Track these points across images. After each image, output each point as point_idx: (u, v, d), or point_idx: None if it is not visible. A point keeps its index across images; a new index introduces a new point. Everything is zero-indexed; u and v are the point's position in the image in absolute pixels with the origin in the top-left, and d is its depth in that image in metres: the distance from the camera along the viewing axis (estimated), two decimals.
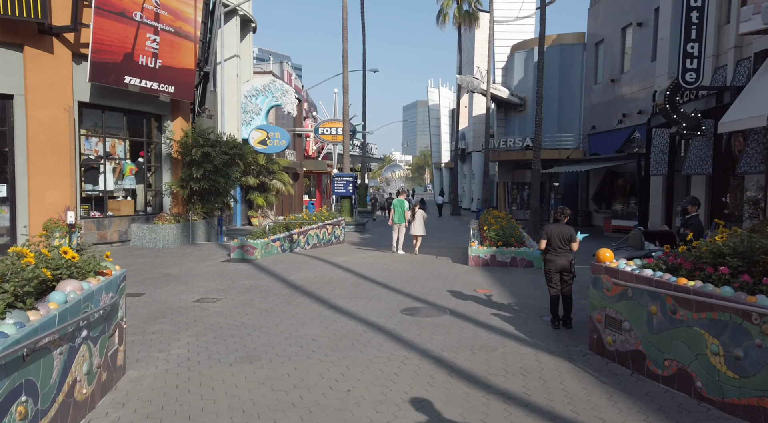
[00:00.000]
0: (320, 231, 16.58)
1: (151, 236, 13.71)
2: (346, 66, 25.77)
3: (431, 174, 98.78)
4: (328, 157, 39.95)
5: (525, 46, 31.19)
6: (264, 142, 22.99)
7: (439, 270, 11.23)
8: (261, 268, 11.10)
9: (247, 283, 9.59)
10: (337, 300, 8.29)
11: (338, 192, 26.07)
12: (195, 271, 10.60)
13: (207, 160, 14.67)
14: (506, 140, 30.70)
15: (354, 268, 11.30)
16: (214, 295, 8.52)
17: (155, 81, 13.53)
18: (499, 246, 11.71)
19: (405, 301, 8.25)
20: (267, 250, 12.76)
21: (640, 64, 22.38)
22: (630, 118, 23.21)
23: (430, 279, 10.16)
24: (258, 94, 23.32)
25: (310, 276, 10.34)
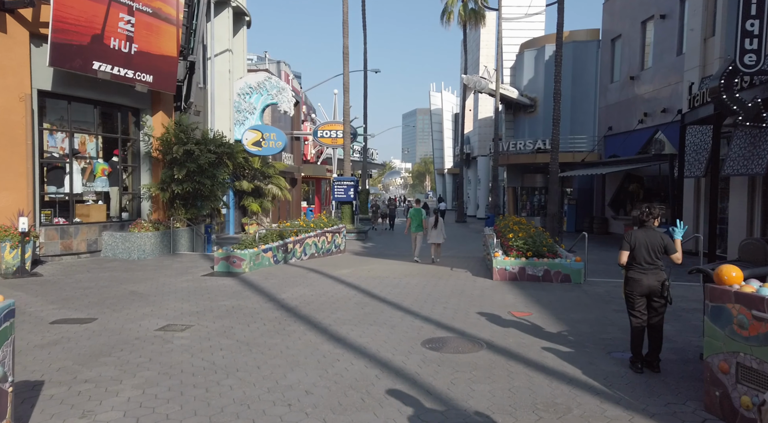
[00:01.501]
0: (319, 239, 14.83)
1: (125, 246, 11.95)
2: (347, 63, 24.15)
3: (432, 181, 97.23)
4: (328, 162, 38.27)
5: (535, 44, 29.64)
6: (258, 143, 21.30)
7: (459, 285, 9.47)
8: (248, 284, 9.33)
9: (228, 303, 7.82)
10: (339, 327, 6.53)
11: (338, 197, 24.34)
12: (168, 288, 8.84)
13: (190, 160, 12.95)
14: (516, 143, 29.05)
15: (358, 283, 9.54)
16: (185, 321, 6.76)
17: (130, 68, 11.84)
18: (529, 257, 9.96)
19: (425, 329, 6.48)
20: (257, 262, 11.00)
21: (664, 58, 20.77)
22: (652, 117, 21.57)
23: (450, 297, 8.40)
24: (252, 92, 21.67)
25: (306, 294, 8.57)
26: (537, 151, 28.25)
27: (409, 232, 13.97)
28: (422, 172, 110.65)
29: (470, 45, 38.99)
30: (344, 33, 23.97)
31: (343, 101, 24.80)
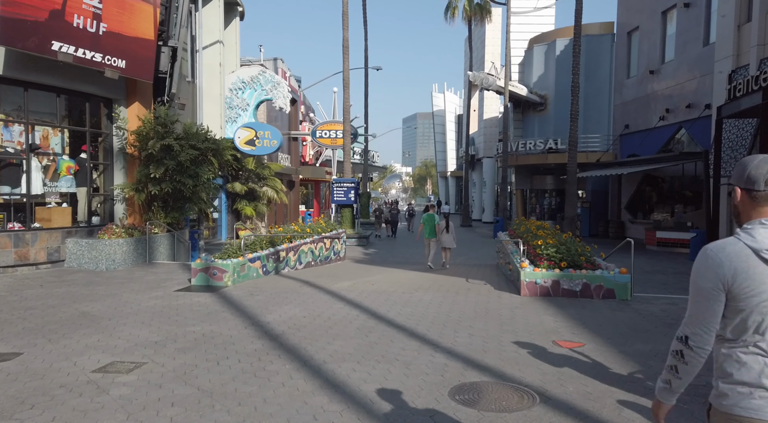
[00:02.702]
0: (316, 246, 13.27)
1: (91, 255, 10.38)
2: (347, 57, 22.68)
3: (434, 185, 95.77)
4: (327, 164, 36.74)
5: (545, 39, 28.16)
6: (252, 142, 19.75)
7: (482, 302, 7.88)
8: (228, 302, 7.76)
9: (198, 329, 6.25)
10: (337, 365, 4.96)
11: (338, 200, 22.79)
12: (129, 308, 7.26)
13: (169, 156, 11.41)
14: (525, 143, 27.52)
15: (361, 300, 7.96)
16: (136, 356, 5.19)
17: (98, 51, 10.32)
18: (563, 268, 8.38)
19: (451, 367, 4.91)
20: (242, 274, 9.43)
21: (688, 50, 19.27)
22: (674, 113, 20.05)
23: (475, 319, 6.82)
24: (245, 87, 20.15)
25: (298, 315, 7.00)
26: (548, 151, 26.73)
27: (422, 238, 13.45)
28: (423, 176, 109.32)
29: (475, 42, 37.56)
30: (344, 25, 22.51)
31: (342, 98, 23.33)
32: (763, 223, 1.70)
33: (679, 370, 1.77)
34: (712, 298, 1.70)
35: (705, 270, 1.72)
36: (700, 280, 1.73)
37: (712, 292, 1.70)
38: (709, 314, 1.72)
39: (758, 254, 1.65)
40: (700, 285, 1.73)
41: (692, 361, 1.74)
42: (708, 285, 1.70)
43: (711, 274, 1.70)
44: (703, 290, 1.72)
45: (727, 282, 1.68)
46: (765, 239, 1.66)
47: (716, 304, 1.70)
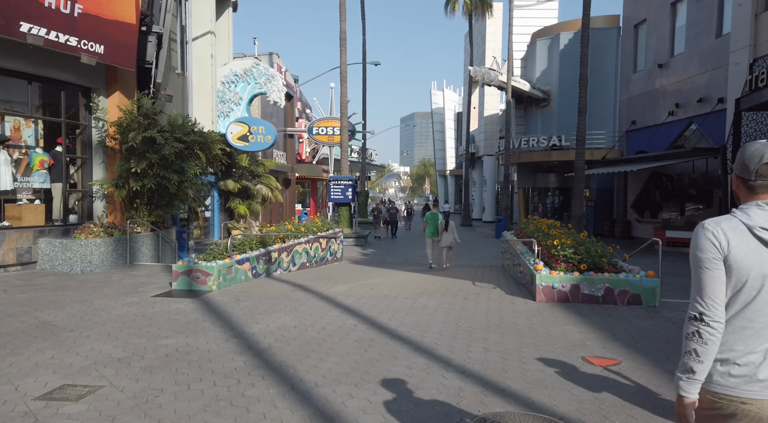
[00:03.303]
0: (311, 246, 12.46)
1: (65, 256, 9.54)
2: (344, 50, 21.86)
3: (432, 184, 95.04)
4: (324, 162, 35.91)
5: (548, 33, 27.39)
6: (245, 138, 18.91)
7: (494, 310, 7.07)
8: (211, 309, 6.94)
9: (172, 342, 5.42)
10: (332, 389, 4.15)
11: (335, 198, 21.97)
12: (98, 317, 6.43)
13: (152, 150, 10.57)
14: (528, 140, 26.73)
15: (359, 307, 7.15)
16: (93, 377, 4.37)
17: (73, 34, 9.48)
18: (583, 270, 7.58)
19: (467, 392, 4.10)
20: (228, 277, 8.60)
21: (700, 42, 18.51)
22: (684, 108, 19.30)
23: (489, 330, 6.01)
24: (238, 80, 19.30)
25: (288, 325, 6.18)
26: (552, 148, 25.96)
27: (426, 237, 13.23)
28: (421, 175, 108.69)
29: (475, 38, 36.79)
30: (341, 16, 21.70)
31: (340, 93, 22.49)
32: (759, 204, 1.75)
33: (700, 354, 1.70)
34: (714, 267, 1.72)
35: (702, 241, 1.75)
36: (699, 251, 1.75)
37: (712, 261, 1.72)
38: (715, 285, 1.72)
39: (751, 230, 1.71)
40: (699, 257, 1.75)
41: (711, 339, 1.70)
42: (707, 255, 1.73)
43: (708, 245, 1.73)
44: (704, 261, 1.74)
45: (723, 250, 1.71)
46: (759, 218, 1.72)
47: (719, 273, 1.72)
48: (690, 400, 1.72)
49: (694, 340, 1.71)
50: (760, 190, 1.77)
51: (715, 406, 1.71)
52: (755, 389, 1.66)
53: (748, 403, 1.66)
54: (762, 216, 1.72)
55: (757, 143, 1.79)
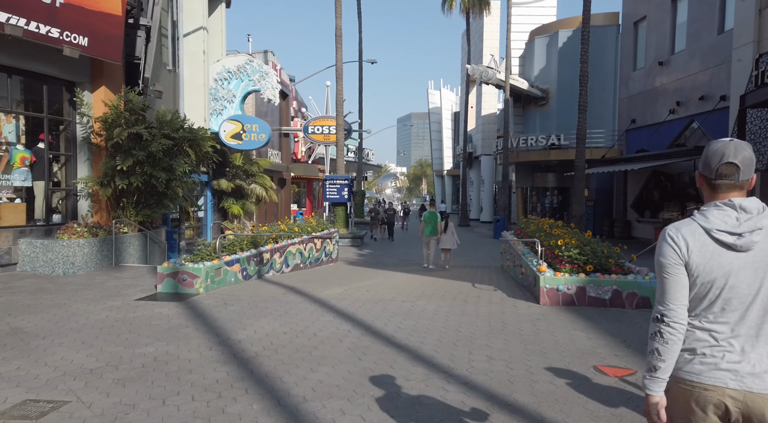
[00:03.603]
0: (305, 246, 12.07)
1: (47, 257, 9.12)
2: (340, 47, 21.48)
3: (429, 184, 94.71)
4: (320, 161, 35.50)
5: (547, 31, 27.07)
6: (238, 136, 18.51)
7: (496, 313, 6.70)
8: (196, 313, 6.54)
9: (151, 350, 5.03)
10: (322, 404, 3.76)
11: (331, 198, 21.59)
12: (74, 322, 6.03)
13: (139, 146, 10.16)
14: (526, 139, 26.39)
15: (354, 311, 6.76)
16: (60, 391, 3.97)
17: (54, 25, 9.06)
18: (589, 272, 7.22)
19: (472, 407, 3.72)
20: (217, 279, 8.19)
21: (701, 39, 18.21)
22: (685, 106, 19.00)
23: (491, 336, 5.63)
24: (231, 77, 18.88)
25: (277, 330, 5.79)
26: (550, 147, 25.64)
27: (422, 235, 12.94)
28: (418, 176, 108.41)
29: (473, 36, 36.44)
30: (337, 12, 21.31)
31: (336, 90, 22.11)
32: (717, 205, 1.79)
33: (661, 353, 1.77)
34: (675, 272, 1.79)
35: (665, 249, 1.81)
36: (662, 257, 1.82)
37: (673, 266, 1.79)
38: (679, 287, 1.79)
39: (709, 234, 1.76)
40: (662, 262, 1.81)
41: (672, 339, 1.77)
42: (669, 261, 1.80)
43: (669, 251, 1.80)
44: (666, 266, 1.81)
45: (684, 256, 1.78)
46: (717, 220, 1.76)
47: (680, 277, 1.79)
48: (654, 399, 1.78)
49: (657, 340, 1.78)
50: (721, 189, 1.80)
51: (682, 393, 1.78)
52: (718, 376, 1.73)
53: (710, 390, 1.72)
54: (720, 217, 1.76)
55: (720, 142, 1.80)
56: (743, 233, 1.72)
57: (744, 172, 1.77)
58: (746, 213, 1.75)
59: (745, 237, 1.72)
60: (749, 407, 1.70)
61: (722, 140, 1.82)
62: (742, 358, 1.72)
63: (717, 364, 1.74)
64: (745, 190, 1.82)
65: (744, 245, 1.72)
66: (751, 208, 1.76)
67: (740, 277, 1.73)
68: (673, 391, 1.80)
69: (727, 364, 1.73)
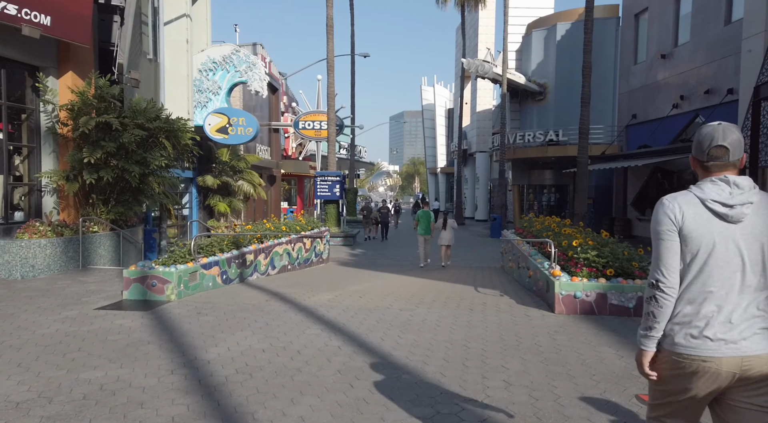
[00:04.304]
0: (293, 246, 11.22)
1: (3, 259, 8.19)
2: (331, 38, 20.59)
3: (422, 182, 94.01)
4: (312, 158, 34.57)
5: (544, 23, 26.34)
6: (224, 130, 17.58)
7: (507, 324, 5.88)
8: (163, 325, 5.66)
9: (99, 375, 4.16)
10: None
11: (322, 195, 20.71)
12: (16, 338, 5.13)
13: (109, 137, 9.25)
14: (523, 135, 25.66)
15: (345, 322, 5.92)
16: None
17: (11, 2, 8.13)
18: (609, 276, 6.43)
19: None
20: (192, 284, 7.32)
21: (707, 30, 17.54)
22: (689, 100, 18.33)
23: (505, 353, 4.82)
24: (216, 68, 17.94)
25: (254, 347, 4.94)
26: (548, 143, 24.93)
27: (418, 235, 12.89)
28: (411, 174, 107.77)
29: (468, 31, 35.66)
30: (328, 2, 20.41)
31: (327, 83, 21.22)
32: (713, 180, 1.91)
33: (656, 315, 1.91)
34: (669, 239, 1.89)
35: (661, 215, 1.93)
36: (657, 225, 1.94)
37: (667, 233, 1.89)
38: (671, 253, 1.90)
39: (704, 203, 1.88)
40: (657, 229, 1.93)
41: (665, 303, 1.90)
42: (663, 228, 1.90)
43: (664, 218, 1.91)
44: (661, 233, 1.91)
45: (678, 222, 1.88)
46: (711, 192, 1.89)
47: (673, 243, 1.89)
48: (648, 353, 1.96)
49: (652, 304, 1.93)
50: (714, 170, 1.93)
51: (679, 366, 1.87)
52: (713, 347, 1.83)
53: (708, 361, 1.82)
54: (714, 190, 1.89)
55: (710, 126, 1.94)
56: (735, 205, 1.84)
57: (734, 153, 1.89)
58: (739, 188, 1.86)
59: (737, 209, 1.84)
60: (745, 369, 1.81)
61: (711, 124, 1.93)
62: (732, 327, 1.82)
63: (711, 335, 1.83)
64: (737, 169, 1.92)
65: (735, 216, 1.84)
66: (743, 184, 1.87)
67: (728, 246, 1.84)
68: (670, 363, 1.89)
69: (721, 335, 1.82)
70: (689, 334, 1.85)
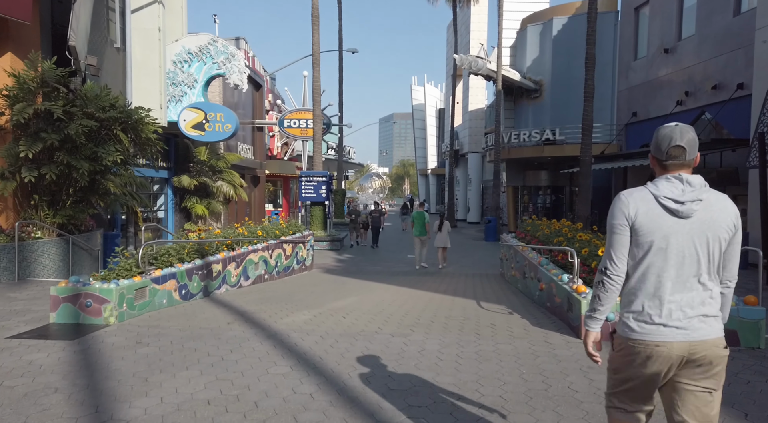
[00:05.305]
0: (271, 253, 9.97)
1: None
2: (317, 29, 19.36)
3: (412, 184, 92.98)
4: (298, 159, 33.26)
5: (540, 18, 25.34)
6: (201, 126, 16.27)
7: (525, 356, 4.69)
8: (84, 363, 4.38)
9: None
10: None
11: (307, 197, 19.45)
12: None
13: (53, 128, 7.94)
14: (518, 134, 24.60)
15: (323, 355, 4.68)
16: None
17: None
18: None
19: None
20: (139, 302, 6.04)
21: (714, 22, 16.58)
22: (695, 96, 17.36)
23: (531, 404, 3.62)
24: (192, 60, 16.62)
25: (197, 397, 3.68)
26: (544, 142, 23.88)
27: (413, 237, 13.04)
28: (401, 175, 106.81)
29: (460, 27, 34.65)
30: None
31: (312, 77, 20.00)
32: (667, 178, 2.07)
33: (602, 299, 2.11)
34: (620, 233, 2.07)
35: (616, 210, 2.09)
36: (612, 218, 2.11)
37: (620, 227, 2.07)
38: (620, 245, 2.08)
39: (657, 199, 2.03)
40: (611, 222, 2.10)
41: (611, 288, 2.09)
42: (617, 222, 2.08)
43: (619, 213, 2.07)
44: (614, 226, 2.09)
45: (630, 218, 2.04)
46: (665, 189, 2.03)
47: (624, 237, 2.06)
48: (593, 334, 2.19)
49: (599, 289, 2.12)
50: (671, 168, 2.07)
51: (634, 351, 2.01)
52: (665, 333, 1.98)
53: (661, 346, 1.98)
54: (668, 187, 2.03)
55: (668, 126, 2.08)
56: (685, 202, 2.00)
57: (689, 152, 2.06)
58: (690, 186, 2.02)
59: (687, 205, 2.00)
60: (692, 353, 1.97)
61: (669, 125, 2.09)
62: (682, 314, 1.99)
63: (663, 322, 1.99)
64: (691, 168, 2.10)
65: (685, 212, 2.00)
66: (695, 182, 2.03)
67: (679, 240, 2.01)
68: (626, 349, 2.04)
69: (672, 321, 1.98)
70: (643, 321, 2.01)
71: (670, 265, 1.98)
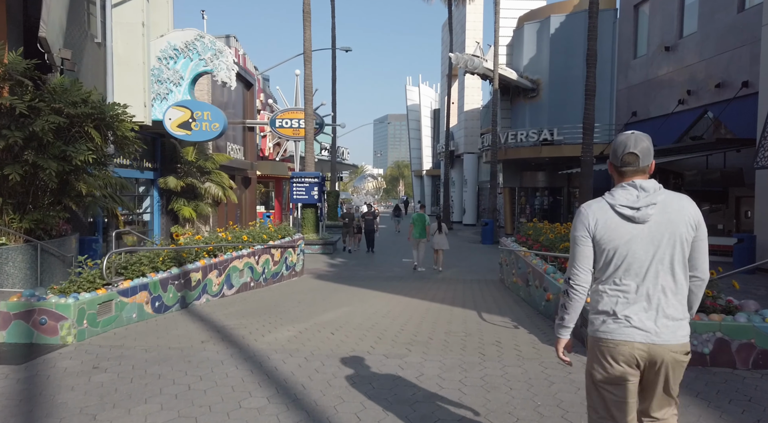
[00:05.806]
0: (258, 259, 9.34)
1: None
2: (309, 25, 18.74)
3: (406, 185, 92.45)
4: (291, 160, 32.60)
5: (537, 16, 24.84)
6: (187, 125, 15.60)
7: (540, 385, 4.10)
8: (27, 396, 3.75)
9: None
10: None
11: (298, 198, 18.81)
12: None
13: (16, 125, 7.28)
14: (515, 134, 24.08)
15: (306, 382, 4.07)
16: None
17: None
18: None
19: None
20: (104, 318, 5.40)
21: (717, 19, 16.12)
22: (698, 95, 16.88)
23: None
24: (178, 56, 15.95)
25: None
26: (542, 143, 23.36)
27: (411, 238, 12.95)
28: (395, 177, 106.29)
29: (455, 27, 34.14)
30: None
31: (304, 75, 19.36)
32: (623, 185, 2.16)
33: (567, 307, 2.21)
34: (582, 244, 2.15)
35: (578, 223, 2.19)
36: (574, 231, 2.20)
37: (581, 238, 2.15)
38: (582, 256, 2.17)
39: (614, 208, 2.12)
40: (574, 234, 2.19)
41: (575, 297, 2.19)
42: (579, 234, 2.17)
43: (580, 225, 2.16)
44: (576, 238, 2.18)
45: (591, 230, 2.14)
46: (621, 198, 2.12)
47: (586, 248, 2.15)
48: (563, 341, 2.27)
49: (564, 297, 2.22)
50: (627, 175, 2.16)
51: (601, 350, 2.11)
52: (628, 333, 2.07)
53: (624, 344, 2.07)
54: (623, 195, 2.12)
55: (624, 134, 2.16)
56: (641, 207, 2.07)
57: (643, 160, 2.12)
58: (644, 191, 2.09)
59: (642, 210, 2.07)
60: (652, 356, 2.05)
61: (626, 133, 2.17)
62: (645, 317, 2.06)
63: (626, 323, 2.07)
64: (647, 174, 2.16)
65: (641, 217, 2.07)
66: (648, 187, 2.11)
67: (638, 244, 2.07)
68: (592, 348, 2.16)
69: (635, 322, 2.06)
70: (609, 322, 2.10)
71: (633, 271, 2.07)
